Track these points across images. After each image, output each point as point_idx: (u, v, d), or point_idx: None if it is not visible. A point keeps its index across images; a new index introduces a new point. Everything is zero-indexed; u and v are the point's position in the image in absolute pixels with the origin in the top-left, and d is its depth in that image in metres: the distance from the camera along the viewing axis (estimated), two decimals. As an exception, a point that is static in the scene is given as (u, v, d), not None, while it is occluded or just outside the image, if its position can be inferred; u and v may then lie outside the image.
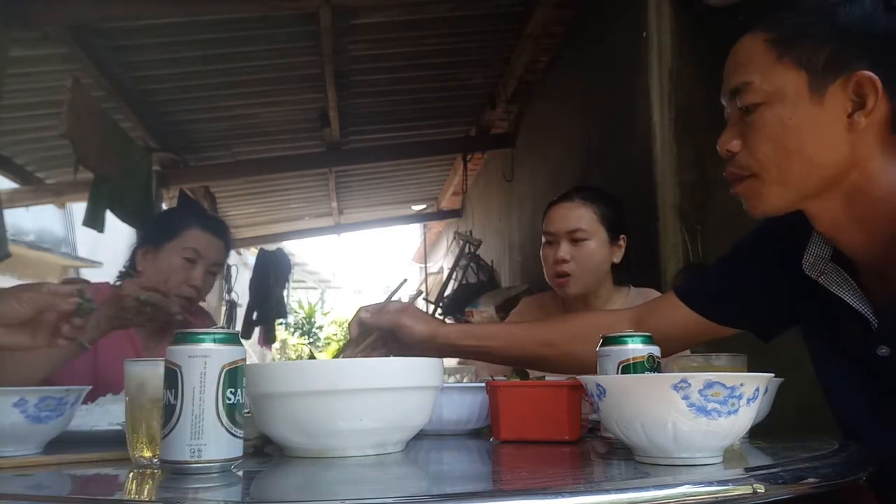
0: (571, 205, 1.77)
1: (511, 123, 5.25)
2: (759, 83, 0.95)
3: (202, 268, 1.78)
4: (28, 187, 4.80)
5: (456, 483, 0.81)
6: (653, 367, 1.03)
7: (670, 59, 2.65)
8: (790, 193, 0.98)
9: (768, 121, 0.95)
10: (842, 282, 1.01)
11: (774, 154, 0.96)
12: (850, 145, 0.93)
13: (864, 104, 0.91)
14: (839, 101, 0.92)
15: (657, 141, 2.65)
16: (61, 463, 0.93)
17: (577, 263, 1.72)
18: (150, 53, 3.73)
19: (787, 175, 0.96)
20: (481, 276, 5.51)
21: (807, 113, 0.93)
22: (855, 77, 0.90)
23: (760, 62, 0.96)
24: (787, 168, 0.96)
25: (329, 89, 4.28)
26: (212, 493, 0.71)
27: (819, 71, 0.92)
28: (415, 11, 3.66)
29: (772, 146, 0.96)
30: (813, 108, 0.93)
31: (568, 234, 1.74)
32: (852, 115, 0.92)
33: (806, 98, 0.93)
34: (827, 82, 0.92)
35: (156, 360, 0.87)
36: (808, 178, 0.96)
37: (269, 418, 0.92)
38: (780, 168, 0.96)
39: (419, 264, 12.41)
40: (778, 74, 0.94)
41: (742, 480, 0.73)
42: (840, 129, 0.93)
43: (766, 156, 0.96)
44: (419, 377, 0.96)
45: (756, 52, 0.97)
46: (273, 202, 7.04)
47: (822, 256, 1.04)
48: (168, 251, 1.77)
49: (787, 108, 0.94)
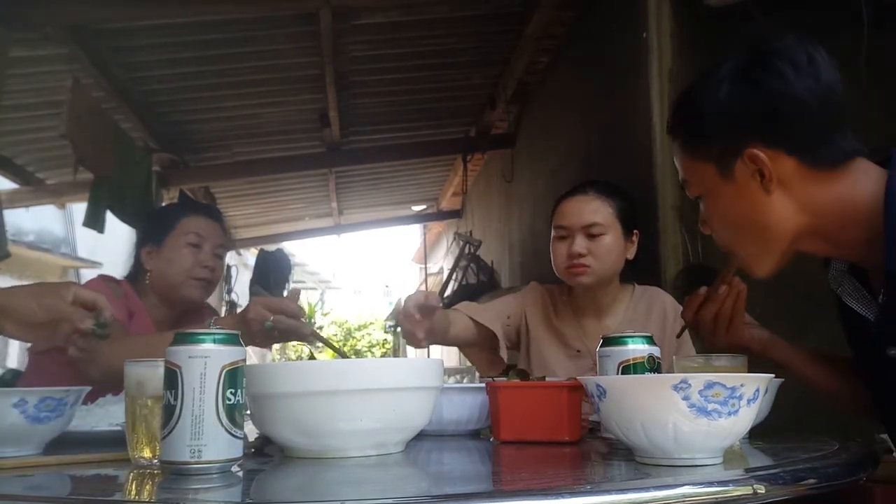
0: (586, 198, 1.71)
1: (511, 124, 5.25)
2: (691, 180, 1.13)
3: (209, 250, 1.80)
4: (28, 187, 4.80)
5: (456, 483, 0.81)
6: (653, 367, 1.03)
7: (670, 59, 2.65)
8: (767, 258, 1.10)
9: (711, 208, 1.12)
10: (853, 290, 1.10)
11: (731, 233, 1.12)
12: (780, 202, 1.05)
13: (763, 173, 1.03)
14: (747, 174, 1.05)
15: (657, 141, 2.65)
16: (61, 464, 0.93)
17: (593, 257, 1.67)
18: (150, 54, 3.73)
19: (750, 247, 1.10)
20: (481, 276, 5.51)
21: (730, 193, 1.07)
22: (746, 154, 1.04)
23: (684, 163, 1.14)
24: (747, 241, 1.10)
25: (329, 90, 4.28)
26: (212, 494, 0.71)
27: (718, 159, 1.07)
28: (415, 12, 3.66)
29: (725, 228, 1.12)
30: (732, 188, 1.07)
31: (584, 228, 1.67)
32: (762, 182, 1.04)
33: (722, 183, 1.07)
34: (730, 166, 1.06)
35: (156, 361, 0.87)
36: (768, 241, 1.08)
37: (269, 419, 0.92)
38: (741, 243, 1.11)
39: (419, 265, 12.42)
40: (698, 171, 1.11)
41: (742, 481, 0.73)
42: (760, 195, 1.05)
43: (726, 236, 1.13)
44: (419, 378, 0.96)
45: (680, 156, 1.15)
46: (273, 203, 7.04)
47: (840, 269, 1.14)
48: (171, 243, 1.78)
49: (715, 196, 1.10)
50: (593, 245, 1.68)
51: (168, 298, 1.79)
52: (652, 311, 1.77)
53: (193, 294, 1.78)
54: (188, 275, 1.76)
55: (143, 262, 1.80)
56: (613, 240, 1.69)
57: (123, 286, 1.79)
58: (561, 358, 1.77)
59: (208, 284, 1.81)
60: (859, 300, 1.10)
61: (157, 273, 1.78)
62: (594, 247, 1.67)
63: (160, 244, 1.79)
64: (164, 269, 1.77)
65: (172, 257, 1.76)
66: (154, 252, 1.79)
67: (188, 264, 1.76)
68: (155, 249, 1.79)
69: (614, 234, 1.69)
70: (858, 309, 1.09)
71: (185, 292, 1.77)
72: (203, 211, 1.88)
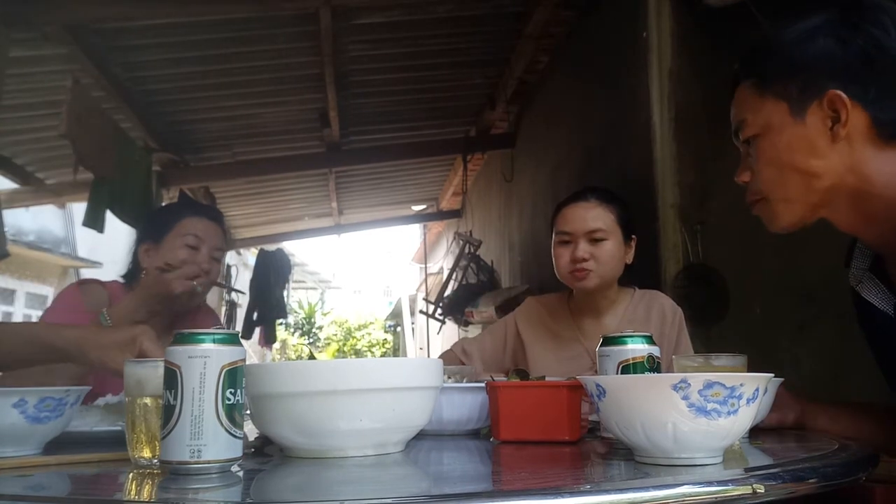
0: (588, 205, 1.77)
1: (511, 123, 5.25)
2: (751, 119, 1.13)
3: (206, 252, 1.79)
4: (28, 187, 4.81)
5: (456, 483, 0.81)
6: (653, 367, 1.03)
7: (670, 59, 2.65)
8: (797, 207, 1.11)
9: (765, 147, 1.12)
10: (873, 287, 1.14)
11: (775, 175, 1.11)
12: (838, 154, 1.06)
13: (839, 117, 1.04)
14: (819, 118, 1.06)
15: (657, 141, 2.65)
16: (61, 463, 0.93)
17: (596, 262, 1.73)
18: (150, 53, 3.73)
19: (790, 191, 1.10)
20: (481, 276, 5.51)
21: (794, 133, 1.08)
22: (826, 96, 1.04)
23: (750, 103, 1.14)
24: (788, 184, 1.10)
25: (329, 89, 4.28)
26: (212, 494, 0.71)
27: (795, 98, 1.07)
28: (415, 11, 3.66)
29: (772, 168, 1.11)
30: (798, 129, 1.07)
31: (587, 234, 1.74)
32: (833, 128, 1.05)
33: (790, 122, 1.08)
34: (805, 106, 1.07)
35: (155, 361, 0.86)
36: (809, 190, 1.09)
37: (268, 419, 0.92)
38: (782, 186, 1.11)
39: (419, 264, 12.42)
40: (764, 109, 1.11)
41: (742, 480, 0.73)
42: (825, 141, 1.06)
43: (768, 178, 1.12)
44: (419, 377, 0.96)
45: (745, 96, 1.15)
46: (273, 202, 7.04)
47: (862, 267, 1.16)
48: (169, 243, 1.77)
49: (776, 133, 1.10)
50: (596, 250, 1.73)
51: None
52: (651, 311, 1.80)
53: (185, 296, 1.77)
54: (183, 276, 1.74)
55: (140, 260, 1.80)
56: (615, 245, 1.75)
57: (110, 288, 1.77)
58: (560, 359, 1.78)
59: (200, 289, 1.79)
60: (879, 297, 1.13)
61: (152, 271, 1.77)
62: (597, 252, 1.73)
63: (158, 242, 1.78)
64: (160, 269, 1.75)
65: (169, 258, 1.75)
66: (152, 250, 1.78)
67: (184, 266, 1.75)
68: (153, 247, 1.79)
69: (615, 239, 1.75)
70: (878, 304, 1.13)
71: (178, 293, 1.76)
72: (204, 212, 1.87)
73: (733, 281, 2.46)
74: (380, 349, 21.09)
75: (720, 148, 2.54)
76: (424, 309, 6.58)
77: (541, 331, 1.86)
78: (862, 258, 1.18)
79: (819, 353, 2.18)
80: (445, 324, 6.13)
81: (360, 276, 31.59)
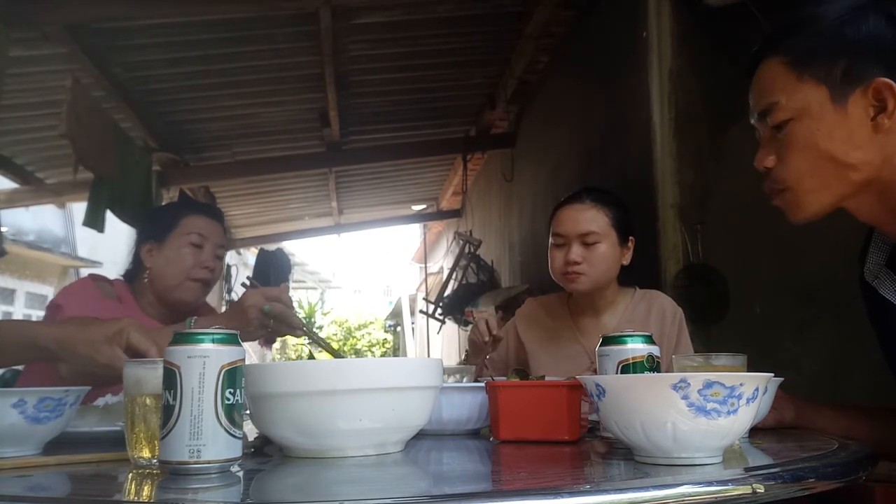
0: (582, 206, 1.76)
1: (511, 123, 5.25)
2: (785, 102, 1.04)
3: (210, 250, 1.79)
4: (28, 187, 4.81)
5: (456, 483, 0.81)
6: (652, 366, 1.03)
7: (670, 59, 2.65)
8: (826, 197, 1.05)
9: (799, 133, 1.03)
10: (889, 282, 1.09)
11: (808, 164, 1.03)
12: (878, 145, 1.00)
13: (885, 107, 0.98)
14: (861, 107, 0.99)
15: (657, 141, 2.65)
16: (60, 464, 0.93)
17: (588, 265, 1.72)
18: (150, 53, 3.73)
19: (822, 182, 1.04)
20: (481, 276, 5.51)
21: (833, 121, 1.01)
22: (873, 84, 0.98)
23: (783, 83, 1.04)
24: (821, 175, 1.03)
25: (329, 89, 4.28)
26: (211, 494, 0.71)
27: (838, 83, 1.00)
28: (414, 11, 3.66)
29: (805, 156, 1.03)
30: (838, 117, 1.00)
31: (580, 236, 1.73)
32: (875, 118, 0.99)
33: (830, 109, 1.01)
34: (847, 92, 1.00)
35: (155, 361, 0.86)
36: (843, 181, 1.03)
37: (268, 418, 0.92)
38: (814, 176, 1.04)
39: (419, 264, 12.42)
40: (801, 92, 1.03)
41: (742, 480, 0.73)
42: (866, 131, 1.00)
43: (799, 167, 1.04)
44: (419, 377, 0.96)
45: (777, 75, 1.05)
46: (273, 202, 7.04)
47: (879, 263, 1.12)
48: (173, 242, 1.77)
49: (814, 120, 1.02)
50: (588, 253, 1.73)
51: (164, 297, 1.78)
52: (651, 311, 1.80)
53: (190, 295, 1.77)
54: (187, 275, 1.75)
55: (142, 260, 1.79)
56: (608, 247, 1.74)
57: (116, 286, 1.78)
58: (558, 358, 1.79)
59: (206, 285, 1.80)
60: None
61: (155, 271, 1.77)
62: (589, 254, 1.73)
63: (162, 242, 1.78)
64: (164, 267, 1.76)
65: (173, 257, 1.76)
66: (155, 249, 1.78)
67: (189, 264, 1.76)
68: (156, 247, 1.78)
69: (609, 242, 1.74)
70: (895, 300, 1.08)
71: (182, 292, 1.76)
72: (206, 211, 1.87)
73: (733, 281, 2.46)
74: (380, 349, 21.09)
75: (720, 148, 2.54)
76: (424, 309, 6.59)
77: (540, 331, 1.87)
78: (878, 253, 1.12)
79: (819, 353, 2.18)
80: (445, 323, 6.13)
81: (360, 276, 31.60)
